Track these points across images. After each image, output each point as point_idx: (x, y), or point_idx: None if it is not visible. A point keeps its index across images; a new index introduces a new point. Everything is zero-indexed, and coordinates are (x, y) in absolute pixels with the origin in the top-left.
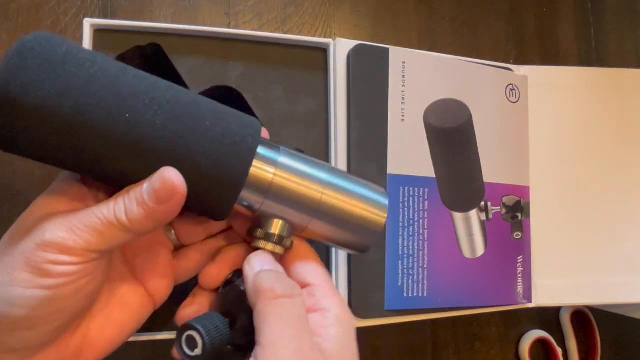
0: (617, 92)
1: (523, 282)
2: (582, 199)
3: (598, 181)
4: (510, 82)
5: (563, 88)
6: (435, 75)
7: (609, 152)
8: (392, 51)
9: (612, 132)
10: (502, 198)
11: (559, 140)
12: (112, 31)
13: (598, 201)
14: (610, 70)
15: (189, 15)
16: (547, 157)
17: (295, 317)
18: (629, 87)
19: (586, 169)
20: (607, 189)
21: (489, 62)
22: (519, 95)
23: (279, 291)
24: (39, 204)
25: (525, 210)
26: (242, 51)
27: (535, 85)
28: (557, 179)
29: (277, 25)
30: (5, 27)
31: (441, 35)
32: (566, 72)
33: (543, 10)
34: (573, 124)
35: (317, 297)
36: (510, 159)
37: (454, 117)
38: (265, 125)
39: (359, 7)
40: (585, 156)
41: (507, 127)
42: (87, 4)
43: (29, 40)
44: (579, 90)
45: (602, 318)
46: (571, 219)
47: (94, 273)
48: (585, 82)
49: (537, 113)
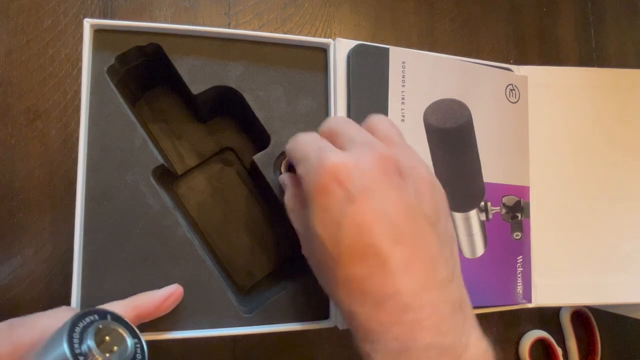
0: (616, 92)
1: (523, 282)
2: (582, 199)
3: (598, 181)
4: (510, 82)
5: (563, 88)
6: (435, 75)
7: (608, 152)
8: (392, 51)
9: (611, 132)
10: (502, 198)
11: (558, 141)
12: (112, 31)
13: (598, 201)
14: (610, 71)
15: (188, 15)
16: (547, 157)
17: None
18: (628, 87)
19: (586, 169)
20: (607, 189)
21: (488, 62)
22: (519, 96)
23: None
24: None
25: (525, 211)
26: (242, 51)
27: (535, 85)
28: (557, 179)
29: (277, 25)
30: (5, 27)
31: (441, 35)
32: (566, 72)
33: (543, 10)
34: (573, 124)
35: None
36: (510, 159)
37: (454, 117)
38: (265, 125)
39: (359, 7)
40: (585, 156)
41: (507, 127)
42: (87, 4)
43: None
44: (579, 91)
45: (602, 318)
46: (571, 219)
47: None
48: (585, 82)
49: (537, 113)
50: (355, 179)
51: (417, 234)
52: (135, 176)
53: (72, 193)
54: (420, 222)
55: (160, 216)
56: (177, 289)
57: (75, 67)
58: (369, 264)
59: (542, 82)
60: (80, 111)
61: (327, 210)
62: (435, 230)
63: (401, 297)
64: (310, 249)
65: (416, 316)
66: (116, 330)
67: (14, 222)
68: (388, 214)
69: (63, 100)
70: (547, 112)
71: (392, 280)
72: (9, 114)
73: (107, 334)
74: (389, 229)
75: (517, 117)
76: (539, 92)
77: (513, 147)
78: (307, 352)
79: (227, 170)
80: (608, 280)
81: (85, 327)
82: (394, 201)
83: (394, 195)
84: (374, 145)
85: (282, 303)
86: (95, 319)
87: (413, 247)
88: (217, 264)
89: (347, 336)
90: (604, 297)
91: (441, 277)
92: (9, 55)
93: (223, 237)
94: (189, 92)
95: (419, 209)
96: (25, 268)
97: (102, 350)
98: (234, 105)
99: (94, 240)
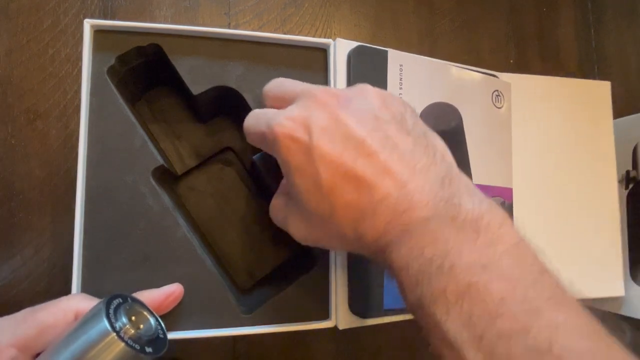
0: (587, 101)
1: None
2: (558, 200)
3: (572, 183)
4: (496, 88)
5: (540, 95)
6: (430, 79)
7: (579, 157)
8: (391, 54)
9: (581, 138)
10: None
11: (536, 145)
12: (112, 31)
13: (571, 202)
14: (581, 81)
15: (188, 16)
16: (528, 160)
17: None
18: (597, 97)
19: (562, 171)
20: (581, 190)
21: (476, 69)
22: (504, 101)
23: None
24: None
25: (508, 211)
26: (242, 51)
27: (518, 92)
28: (535, 181)
29: (277, 26)
30: (5, 27)
31: (441, 35)
32: (543, 80)
33: (543, 11)
34: (548, 130)
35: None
36: (496, 161)
37: (447, 121)
38: None
39: (359, 7)
40: (560, 160)
41: (493, 131)
42: (87, 4)
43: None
44: (554, 99)
45: (601, 318)
46: (548, 219)
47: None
48: (559, 91)
49: (518, 118)
50: (304, 128)
51: (383, 139)
52: (135, 176)
53: (72, 193)
54: (382, 127)
55: (160, 216)
56: (178, 287)
57: (75, 67)
58: (353, 187)
59: (524, 89)
60: (80, 111)
61: (299, 167)
62: (402, 127)
63: (390, 197)
64: (309, 219)
65: (409, 205)
66: (140, 311)
67: (14, 222)
68: (346, 136)
69: (63, 100)
70: (526, 118)
71: (377, 188)
72: (9, 114)
73: (132, 314)
74: (353, 149)
75: (502, 122)
76: (520, 99)
77: (498, 150)
78: (307, 352)
79: (227, 170)
80: (582, 276)
81: (116, 308)
82: (346, 122)
83: (344, 115)
84: (312, 90)
85: (282, 303)
86: (121, 301)
87: (383, 152)
88: (217, 264)
89: (347, 336)
90: (581, 292)
91: (420, 165)
92: (9, 55)
93: (223, 237)
94: (189, 92)
95: (376, 116)
96: (25, 268)
97: (132, 326)
98: (234, 106)
99: (94, 240)
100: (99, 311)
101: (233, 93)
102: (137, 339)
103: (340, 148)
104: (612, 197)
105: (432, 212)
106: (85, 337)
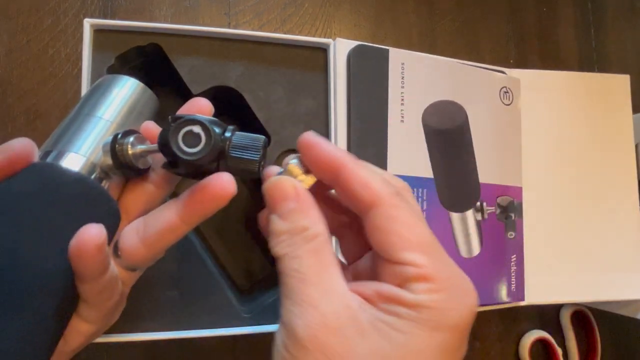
0: (604, 95)
1: (516, 281)
2: (572, 199)
3: (587, 181)
4: (504, 85)
5: (554, 91)
6: (433, 77)
7: (597, 154)
8: (392, 52)
9: (598, 133)
10: (497, 198)
11: (549, 142)
12: (112, 31)
13: (587, 201)
14: (598, 75)
15: (189, 15)
16: (539, 158)
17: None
18: (615, 92)
19: (576, 170)
20: (597, 189)
21: (483, 65)
22: (512, 98)
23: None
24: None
25: (518, 210)
26: (242, 51)
27: (528, 88)
28: (548, 179)
29: (277, 25)
30: (5, 27)
31: (441, 35)
32: (556, 76)
33: (543, 11)
34: (562, 127)
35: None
36: (504, 159)
37: (451, 119)
38: (265, 125)
39: (359, 7)
40: (575, 157)
41: (501, 129)
42: (87, 4)
43: None
44: (569, 94)
45: (602, 318)
46: (561, 219)
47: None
48: (575, 86)
49: (529, 115)
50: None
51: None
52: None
53: None
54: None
55: None
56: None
57: (76, 67)
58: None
59: (534, 85)
60: None
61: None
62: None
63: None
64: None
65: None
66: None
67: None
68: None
69: (63, 100)
70: (538, 114)
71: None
72: (9, 114)
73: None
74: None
75: (511, 119)
76: (532, 95)
77: (506, 148)
78: None
79: None
80: (598, 278)
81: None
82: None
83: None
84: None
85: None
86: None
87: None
88: (217, 264)
89: None
90: (595, 294)
91: None
92: (9, 55)
93: (223, 237)
94: (189, 92)
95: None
96: None
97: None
98: (234, 106)
99: None
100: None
101: (233, 93)
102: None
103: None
104: (632, 196)
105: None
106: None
